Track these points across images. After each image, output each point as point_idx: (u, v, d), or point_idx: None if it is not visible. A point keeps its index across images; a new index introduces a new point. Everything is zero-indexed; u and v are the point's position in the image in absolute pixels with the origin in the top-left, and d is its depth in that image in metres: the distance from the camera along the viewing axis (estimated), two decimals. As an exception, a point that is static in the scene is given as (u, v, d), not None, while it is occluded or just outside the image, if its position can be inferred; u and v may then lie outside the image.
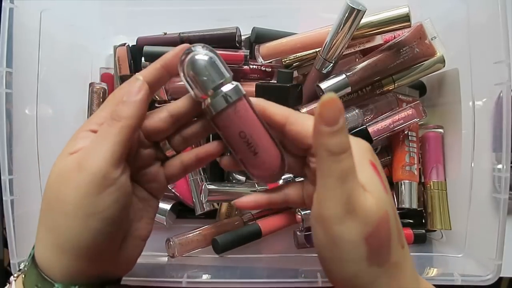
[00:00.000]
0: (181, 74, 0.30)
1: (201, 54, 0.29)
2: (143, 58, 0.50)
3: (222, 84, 0.29)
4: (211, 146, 0.33)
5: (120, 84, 0.53)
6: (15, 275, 0.30)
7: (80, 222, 0.26)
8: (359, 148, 0.28)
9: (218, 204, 0.53)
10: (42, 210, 0.28)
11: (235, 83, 0.30)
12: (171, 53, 0.31)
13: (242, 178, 0.52)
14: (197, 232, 0.48)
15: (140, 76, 0.30)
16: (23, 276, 0.29)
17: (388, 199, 0.27)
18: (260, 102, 0.31)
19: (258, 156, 0.30)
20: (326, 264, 0.27)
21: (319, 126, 0.25)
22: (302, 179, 0.34)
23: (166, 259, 0.48)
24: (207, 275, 0.44)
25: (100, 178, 0.26)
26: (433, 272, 0.44)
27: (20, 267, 0.30)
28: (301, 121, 0.30)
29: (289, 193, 0.33)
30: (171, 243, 0.46)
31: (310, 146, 0.29)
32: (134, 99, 0.28)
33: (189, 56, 0.29)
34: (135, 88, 0.29)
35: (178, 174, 0.33)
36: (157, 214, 0.50)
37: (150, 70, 0.31)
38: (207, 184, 0.48)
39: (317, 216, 0.26)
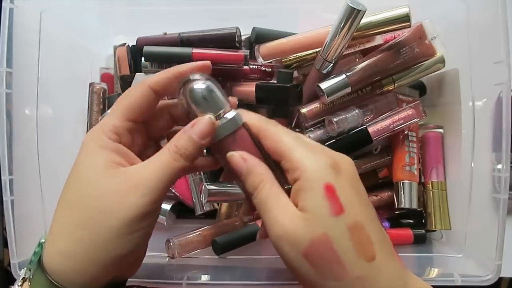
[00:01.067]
0: (181, 101, 0.31)
1: (200, 83, 0.30)
2: (143, 58, 0.50)
3: (219, 116, 0.30)
4: (207, 161, 0.35)
5: (120, 84, 0.54)
6: (19, 282, 0.29)
7: (126, 238, 0.27)
8: (315, 171, 0.28)
9: (218, 204, 0.53)
10: (74, 221, 0.28)
11: (234, 112, 0.30)
12: (187, 66, 0.32)
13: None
14: (197, 233, 0.48)
15: (212, 116, 0.30)
16: (29, 283, 0.29)
17: (333, 222, 0.27)
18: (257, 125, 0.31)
19: None
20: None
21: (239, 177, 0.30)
22: None
23: (166, 259, 0.48)
24: (207, 276, 0.44)
25: (153, 204, 0.28)
26: (433, 272, 0.44)
27: (23, 275, 0.30)
28: (271, 136, 0.30)
29: None
30: (171, 244, 0.46)
31: (279, 157, 0.30)
32: (203, 142, 0.29)
33: (188, 86, 0.30)
34: (207, 129, 0.29)
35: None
36: (157, 214, 0.51)
37: (161, 78, 0.31)
38: (207, 185, 0.48)
39: None
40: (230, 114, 0.30)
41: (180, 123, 0.35)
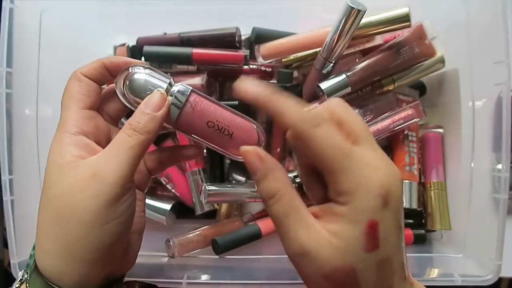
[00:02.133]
0: (123, 97, 0.31)
1: (138, 73, 0.30)
2: (143, 58, 0.50)
3: (168, 94, 0.30)
4: (189, 151, 0.35)
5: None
6: (17, 284, 0.29)
7: (100, 229, 0.27)
8: (363, 205, 0.24)
9: (218, 204, 0.53)
10: (47, 222, 0.28)
11: (177, 84, 0.30)
12: (122, 59, 0.32)
13: (242, 179, 0.52)
14: (197, 233, 0.48)
15: (162, 90, 0.30)
16: (27, 284, 0.29)
17: (364, 256, 0.25)
18: (269, 100, 0.27)
19: (234, 135, 0.31)
20: None
21: (251, 174, 0.27)
22: None
23: (166, 259, 0.48)
24: (207, 275, 0.44)
25: (119, 188, 0.27)
26: (433, 272, 0.44)
27: (21, 277, 0.30)
28: (316, 144, 0.26)
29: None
30: (171, 243, 0.46)
31: (324, 170, 0.26)
32: (158, 114, 0.29)
33: (128, 79, 0.30)
34: (158, 101, 0.29)
35: (157, 168, 0.35)
36: (157, 214, 0.51)
37: (90, 68, 0.31)
38: (207, 185, 0.48)
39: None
40: (176, 87, 0.30)
41: None
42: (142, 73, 0.30)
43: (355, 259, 0.25)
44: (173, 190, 0.52)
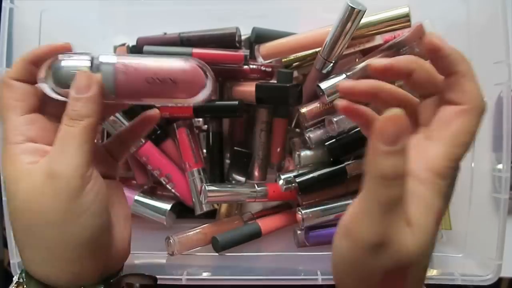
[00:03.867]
0: (54, 93, 0.29)
1: (55, 62, 0.29)
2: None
3: (96, 67, 0.29)
4: (144, 117, 0.35)
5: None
6: (14, 286, 0.29)
7: (72, 226, 0.26)
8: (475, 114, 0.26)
9: (217, 204, 0.53)
10: (19, 232, 0.27)
11: (100, 56, 0.29)
12: (41, 48, 0.30)
13: (242, 179, 0.52)
14: (197, 231, 0.48)
15: (84, 68, 0.28)
16: (24, 286, 0.28)
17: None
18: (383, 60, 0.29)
19: (178, 79, 0.29)
20: (338, 278, 0.26)
21: (376, 142, 0.22)
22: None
23: (166, 258, 0.48)
24: (206, 272, 0.44)
25: (78, 180, 0.26)
26: (433, 272, 0.44)
27: (17, 279, 0.29)
28: (425, 67, 0.29)
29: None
30: (171, 241, 0.47)
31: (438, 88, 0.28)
32: (88, 95, 0.27)
33: (49, 73, 0.28)
34: (85, 82, 0.28)
35: (120, 149, 0.35)
36: (157, 214, 0.51)
37: (19, 68, 0.29)
38: (207, 185, 0.48)
39: (347, 232, 0.24)
40: (100, 59, 0.29)
41: None
42: (60, 61, 0.28)
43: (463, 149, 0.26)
44: (173, 190, 0.52)
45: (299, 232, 0.49)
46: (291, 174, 0.48)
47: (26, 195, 0.26)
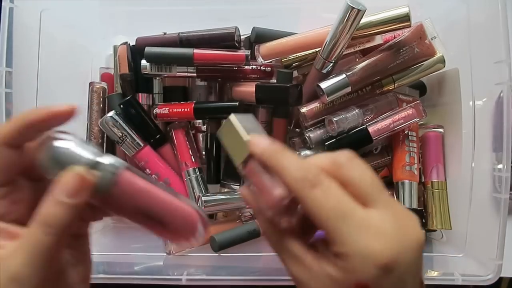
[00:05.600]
0: (44, 169, 0.25)
1: (56, 142, 0.24)
2: (143, 61, 0.50)
3: (96, 167, 0.24)
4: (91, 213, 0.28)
5: (120, 83, 0.54)
6: None
7: None
8: (351, 270, 0.23)
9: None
10: None
11: (104, 157, 0.25)
12: (37, 113, 0.25)
13: (237, 186, 0.52)
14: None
15: (81, 168, 0.24)
16: None
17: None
18: (270, 159, 0.26)
19: (168, 224, 0.26)
20: None
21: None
22: None
23: (165, 258, 0.48)
24: (206, 272, 0.44)
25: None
26: (433, 272, 0.44)
27: None
28: (310, 206, 0.24)
29: None
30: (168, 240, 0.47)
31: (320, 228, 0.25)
32: (75, 201, 0.23)
33: (46, 149, 0.24)
34: (76, 184, 0.23)
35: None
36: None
37: (10, 131, 0.25)
38: (203, 196, 0.48)
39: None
40: (104, 160, 0.25)
41: None
42: (58, 147, 0.24)
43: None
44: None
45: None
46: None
47: None
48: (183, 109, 0.51)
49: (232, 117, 0.27)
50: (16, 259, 0.23)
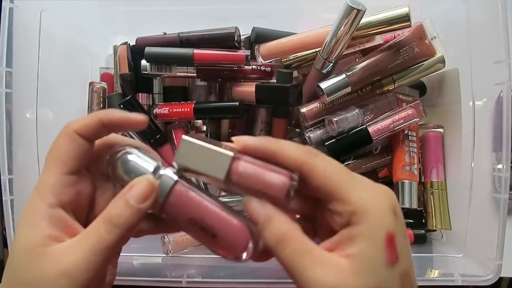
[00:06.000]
0: (113, 176, 0.28)
1: (125, 153, 0.27)
2: (143, 61, 0.50)
3: (157, 176, 0.26)
4: (148, 225, 0.29)
5: (120, 83, 0.54)
6: None
7: None
8: (378, 217, 0.24)
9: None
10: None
11: (163, 169, 0.27)
12: (118, 115, 0.28)
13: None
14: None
15: (151, 177, 0.26)
16: None
17: (387, 273, 0.24)
18: (264, 144, 0.26)
19: (219, 236, 0.26)
20: None
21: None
22: None
23: (165, 259, 0.48)
24: (206, 274, 0.44)
25: (90, 286, 0.25)
26: (433, 272, 0.44)
27: None
28: (319, 173, 0.25)
29: None
30: (166, 240, 0.47)
31: (330, 197, 0.25)
32: (141, 206, 0.25)
33: (114, 160, 0.27)
34: (146, 191, 0.25)
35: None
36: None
37: (87, 122, 0.27)
38: None
39: None
40: (163, 172, 0.26)
41: None
42: (128, 155, 0.27)
43: (380, 278, 0.24)
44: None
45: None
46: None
47: (30, 279, 0.24)
48: (183, 109, 0.51)
49: (186, 137, 0.26)
50: (73, 254, 0.24)
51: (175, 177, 0.26)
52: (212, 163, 0.25)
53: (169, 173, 0.26)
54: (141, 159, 0.27)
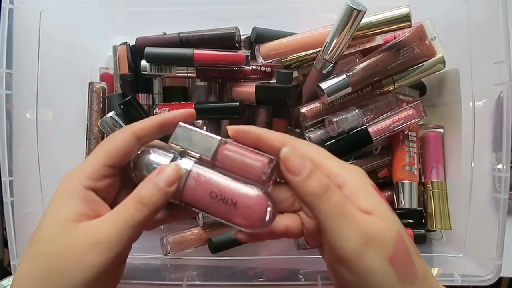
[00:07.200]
0: (135, 173, 0.30)
1: (148, 153, 0.30)
2: (143, 61, 0.50)
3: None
4: (165, 214, 0.31)
5: (120, 83, 0.54)
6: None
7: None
8: (358, 175, 0.28)
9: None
10: (32, 278, 0.26)
11: (178, 159, 0.29)
12: (171, 113, 0.31)
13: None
14: (191, 231, 0.48)
15: (179, 164, 0.28)
16: None
17: (396, 218, 0.27)
18: (252, 130, 0.30)
19: (238, 204, 0.28)
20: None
21: (291, 179, 0.27)
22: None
23: (165, 260, 0.48)
24: (206, 277, 0.44)
25: (113, 261, 0.26)
26: (433, 272, 0.44)
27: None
28: (299, 149, 0.29)
29: (289, 225, 0.30)
30: (165, 241, 0.47)
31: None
32: (169, 189, 0.27)
33: (140, 160, 0.30)
34: (174, 175, 0.27)
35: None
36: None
37: (146, 125, 0.30)
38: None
39: (335, 259, 0.27)
40: (180, 160, 0.29)
41: None
42: (149, 153, 0.30)
43: (395, 222, 0.27)
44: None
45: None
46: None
47: (60, 251, 0.26)
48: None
49: (182, 124, 0.30)
50: (105, 228, 0.26)
51: (192, 162, 0.29)
52: (202, 145, 0.29)
53: (185, 161, 0.29)
54: (159, 155, 0.29)
